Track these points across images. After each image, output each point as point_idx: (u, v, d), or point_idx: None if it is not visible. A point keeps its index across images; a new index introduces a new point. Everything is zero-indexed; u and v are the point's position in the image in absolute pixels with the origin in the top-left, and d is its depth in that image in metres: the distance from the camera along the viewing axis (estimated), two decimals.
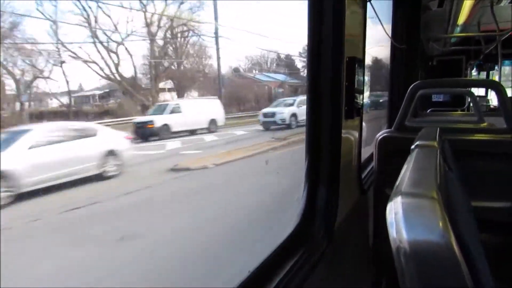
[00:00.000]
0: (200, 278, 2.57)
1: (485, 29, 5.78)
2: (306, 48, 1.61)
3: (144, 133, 5.16)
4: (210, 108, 7.18)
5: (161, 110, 5.80)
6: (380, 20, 2.16)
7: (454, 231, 0.60)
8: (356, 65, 1.69)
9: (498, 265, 1.20)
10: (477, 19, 5.42)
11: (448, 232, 0.59)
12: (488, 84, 4.12)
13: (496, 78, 7.14)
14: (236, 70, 7.71)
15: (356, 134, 1.96)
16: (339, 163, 1.63)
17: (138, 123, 5.05)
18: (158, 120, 5.48)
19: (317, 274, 1.45)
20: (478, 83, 5.69)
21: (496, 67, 7.45)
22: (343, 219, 1.69)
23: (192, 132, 6.52)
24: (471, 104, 5.35)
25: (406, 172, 0.86)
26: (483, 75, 8.36)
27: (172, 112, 5.89)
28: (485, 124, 2.65)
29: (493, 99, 6.96)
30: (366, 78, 2.21)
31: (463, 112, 6.09)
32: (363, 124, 2.06)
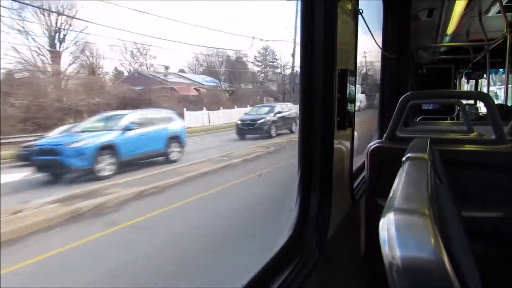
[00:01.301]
0: None
1: (474, 38, 5.89)
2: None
3: None
4: None
5: None
6: (371, 32, 2.18)
7: (445, 245, 0.62)
8: (348, 76, 1.71)
9: (488, 274, 1.22)
10: (465, 29, 5.52)
11: (440, 249, 0.60)
12: (478, 96, 4.18)
13: (485, 86, 7.27)
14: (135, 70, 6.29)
15: (348, 144, 1.97)
16: (332, 173, 1.64)
17: None
18: None
19: (311, 283, 1.45)
20: (468, 95, 5.78)
21: (484, 76, 7.58)
22: (335, 228, 1.70)
23: None
24: (461, 113, 5.42)
25: (398, 186, 0.87)
26: (471, 83, 8.49)
27: None
28: (474, 133, 2.69)
29: (482, 107, 7.06)
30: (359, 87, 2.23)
31: (453, 121, 6.16)
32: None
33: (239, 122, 9.14)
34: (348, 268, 2.16)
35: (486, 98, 2.32)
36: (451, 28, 5.09)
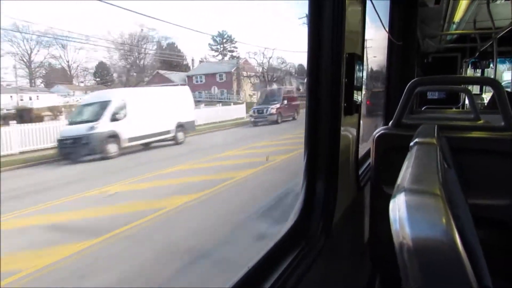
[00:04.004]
0: None
1: (481, 26, 5.80)
2: None
3: None
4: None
5: None
6: (379, 17, 2.16)
7: (457, 227, 0.61)
8: (356, 61, 1.69)
9: (493, 262, 1.21)
10: (473, 17, 5.44)
11: (452, 230, 0.59)
12: (486, 81, 4.14)
13: (492, 76, 7.18)
14: None
15: (354, 130, 1.96)
16: (338, 159, 1.64)
17: None
18: None
19: (315, 269, 1.46)
20: (476, 81, 5.71)
21: (491, 65, 7.49)
22: (340, 214, 1.70)
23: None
24: (466, 102, 5.37)
25: (407, 169, 0.86)
26: (478, 72, 8.40)
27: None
28: (481, 121, 2.66)
29: (486, 98, 7.00)
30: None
31: (460, 110, 6.12)
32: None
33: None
34: (351, 255, 2.16)
35: (495, 84, 2.28)
36: (458, 15, 5.01)
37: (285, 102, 12.38)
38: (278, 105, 12.07)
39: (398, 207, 0.65)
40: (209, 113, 10.52)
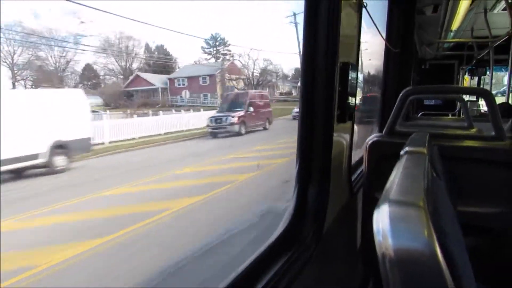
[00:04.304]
0: None
1: (478, 35, 5.86)
2: None
3: None
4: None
5: None
6: (375, 25, 2.18)
7: (439, 238, 0.63)
8: (350, 70, 1.71)
9: (482, 269, 1.23)
10: (470, 25, 5.49)
11: (433, 240, 0.61)
12: (479, 92, 4.18)
13: (488, 83, 7.25)
14: None
15: (348, 137, 1.98)
16: (330, 165, 1.66)
17: None
18: None
19: (306, 274, 1.47)
20: (469, 91, 5.77)
21: (488, 73, 7.55)
22: (332, 220, 1.72)
23: None
24: (462, 109, 5.41)
25: (394, 179, 0.88)
26: (474, 79, 8.46)
27: None
28: (474, 129, 2.69)
29: (483, 104, 7.06)
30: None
31: (454, 118, 6.16)
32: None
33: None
34: (343, 261, 2.18)
35: (487, 94, 2.32)
36: (455, 24, 5.06)
37: (251, 109, 10.40)
38: (242, 113, 10.20)
39: (381, 217, 0.67)
40: (171, 121, 8.91)
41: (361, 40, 2.02)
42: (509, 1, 4.01)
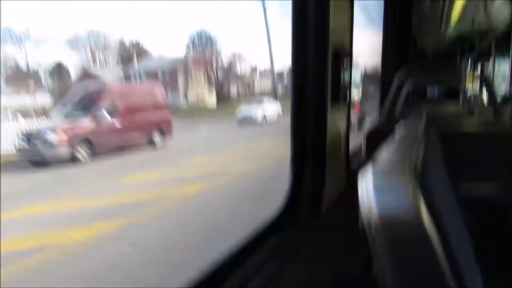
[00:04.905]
0: None
1: (480, 25, 5.82)
2: None
3: None
4: None
5: None
6: (370, 12, 2.17)
7: (430, 209, 0.62)
8: (342, 55, 1.70)
9: (483, 250, 1.23)
10: (471, 16, 5.45)
11: (418, 208, 0.61)
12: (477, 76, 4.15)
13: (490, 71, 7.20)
14: None
15: (344, 120, 1.97)
16: (325, 145, 1.65)
17: None
18: None
19: (305, 251, 1.48)
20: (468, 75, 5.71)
21: (489, 64, 7.50)
22: (332, 201, 1.71)
23: None
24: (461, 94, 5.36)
25: (385, 152, 0.88)
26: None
27: None
28: (474, 115, 2.68)
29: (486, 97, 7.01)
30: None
31: (455, 106, 6.11)
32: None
33: None
34: (345, 239, 2.17)
35: (485, 78, 2.31)
36: (456, 13, 5.03)
37: (110, 115, 6.21)
38: (84, 123, 6.01)
39: (366, 186, 0.67)
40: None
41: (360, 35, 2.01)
42: None
